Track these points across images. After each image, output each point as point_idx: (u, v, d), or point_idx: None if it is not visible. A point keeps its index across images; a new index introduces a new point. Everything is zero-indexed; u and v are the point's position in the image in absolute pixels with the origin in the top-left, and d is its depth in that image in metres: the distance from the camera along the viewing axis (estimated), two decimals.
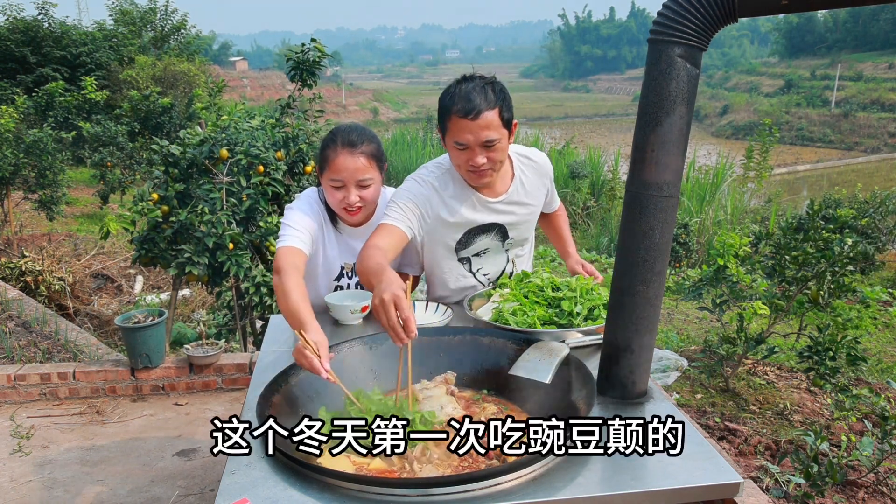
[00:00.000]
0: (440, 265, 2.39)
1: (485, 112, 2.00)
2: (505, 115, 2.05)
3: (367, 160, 2.15)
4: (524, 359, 1.69)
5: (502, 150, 2.10)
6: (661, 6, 1.46)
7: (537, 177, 2.36)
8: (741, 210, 11.85)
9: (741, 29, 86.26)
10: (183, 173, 4.11)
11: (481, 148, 2.06)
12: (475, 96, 2.00)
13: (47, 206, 8.26)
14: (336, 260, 2.35)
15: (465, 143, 2.05)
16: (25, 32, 16.94)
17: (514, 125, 2.12)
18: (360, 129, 2.21)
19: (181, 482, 3.07)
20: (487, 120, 2.01)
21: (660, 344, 5.02)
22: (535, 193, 2.36)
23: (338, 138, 2.15)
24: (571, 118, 50.29)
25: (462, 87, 2.04)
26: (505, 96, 2.07)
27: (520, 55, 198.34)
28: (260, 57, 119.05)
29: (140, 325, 3.66)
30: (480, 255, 2.39)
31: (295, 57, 4.69)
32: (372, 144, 2.18)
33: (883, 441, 2.74)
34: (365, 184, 2.17)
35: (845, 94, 41.08)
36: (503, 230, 2.36)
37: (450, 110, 2.04)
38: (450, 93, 2.06)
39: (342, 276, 2.38)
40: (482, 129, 2.02)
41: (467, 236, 2.32)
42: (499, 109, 2.03)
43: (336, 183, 2.16)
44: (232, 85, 37.88)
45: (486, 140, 2.04)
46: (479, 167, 2.09)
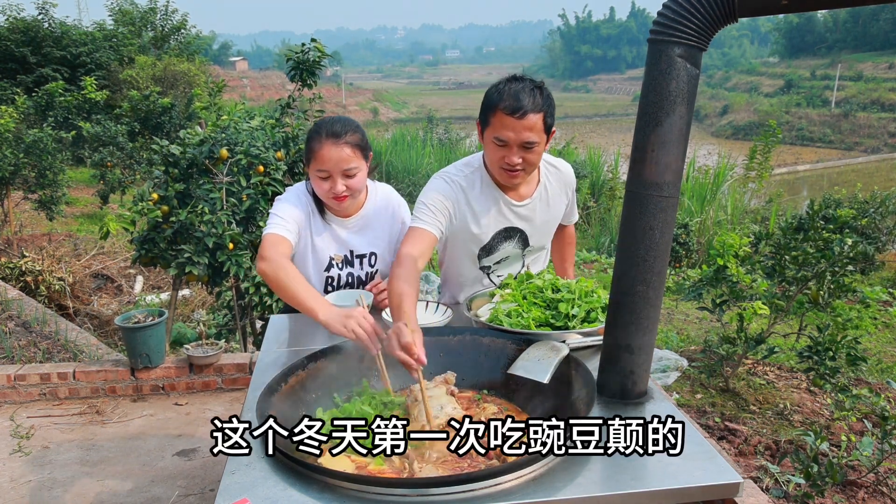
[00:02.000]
0: (461, 272, 2.45)
1: (530, 114, 2.03)
2: (548, 121, 2.09)
3: (351, 150, 2.20)
4: (523, 358, 1.69)
5: (538, 153, 2.14)
6: (661, 6, 1.46)
7: (560, 186, 2.40)
8: (741, 210, 11.85)
9: (741, 29, 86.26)
10: (183, 173, 4.11)
11: (519, 148, 2.09)
12: (524, 97, 2.03)
13: (47, 206, 8.26)
14: (325, 251, 2.39)
15: (505, 139, 2.08)
16: (25, 32, 16.93)
17: (552, 132, 2.15)
18: (344, 120, 2.26)
19: (181, 482, 3.07)
20: (532, 122, 2.04)
21: (660, 344, 5.02)
22: (556, 202, 2.40)
23: (322, 130, 2.20)
24: (571, 118, 50.27)
25: (512, 85, 2.07)
26: (551, 102, 2.10)
27: (520, 55, 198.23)
28: (260, 57, 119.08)
29: (140, 325, 3.66)
30: (501, 263, 2.43)
31: (295, 57, 4.69)
32: (356, 134, 2.23)
33: (883, 441, 2.74)
34: (350, 173, 2.22)
35: (845, 94, 41.08)
36: (524, 236, 2.39)
37: (496, 106, 2.06)
38: (498, 89, 2.08)
39: (331, 267, 2.42)
40: (525, 130, 2.05)
41: (492, 242, 2.35)
42: (543, 114, 2.06)
43: (322, 173, 2.21)
44: (232, 85, 37.88)
45: (526, 141, 2.07)
46: (513, 166, 2.12)
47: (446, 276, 2.55)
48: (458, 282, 2.49)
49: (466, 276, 2.46)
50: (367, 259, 2.44)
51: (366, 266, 2.45)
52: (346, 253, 2.41)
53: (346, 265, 2.42)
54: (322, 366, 1.70)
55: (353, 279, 2.44)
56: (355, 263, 2.43)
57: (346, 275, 2.43)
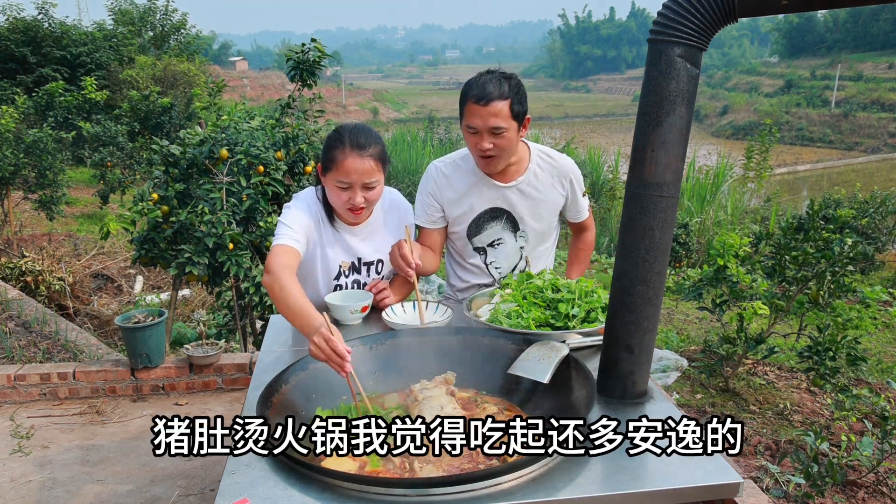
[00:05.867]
0: (460, 253, 2.57)
1: (495, 101, 2.17)
2: (515, 108, 2.21)
3: (374, 163, 2.15)
4: (523, 358, 1.69)
5: (509, 139, 2.24)
6: (661, 6, 1.46)
7: (552, 175, 2.47)
8: (741, 210, 11.86)
9: (741, 29, 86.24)
10: (183, 173, 4.11)
11: (489, 133, 2.22)
12: (490, 86, 2.18)
13: (47, 206, 8.26)
14: (335, 259, 2.35)
15: (474, 126, 2.22)
16: (25, 32, 16.92)
17: (526, 119, 2.27)
18: (368, 131, 2.20)
19: (181, 482, 3.07)
20: (497, 108, 2.18)
21: (660, 344, 5.02)
22: (547, 190, 2.47)
23: (346, 139, 2.14)
24: (571, 118, 50.30)
25: (482, 77, 2.23)
26: (519, 90, 2.23)
27: (520, 55, 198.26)
28: (260, 57, 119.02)
29: (140, 325, 3.66)
30: (495, 247, 2.52)
31: (295, 57, 4.69)
32: (378, 146, 2.19)
33: (883, 441, 2.74)
34: (371, 186, 2.18)
35: (845, 94, 41.08)
36: (511, 218, 2.48)
37: (466, 96, 2.23)
38: (470, 82, 2.25)
39: (340, 276, 2.38)
40: (491, 116, 2.18)
41: (478, 221, 2.47)
42: (510, 101, 2.19)
43: (343, 184, 2.15)
44: (232, 85, 37.85)
45: (493, 126, 2.20)
46: (485, 151, 2.25)
47: (449, 264, 2.67)
48: (460, 266, 2.60)
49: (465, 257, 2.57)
50: (374, 266, 2.41)
51: (373, 273, 2.42)
52: (354, 260, 2.38)
53: (352, 272, 2.39)
54: (322, 366, 1.70)
55: (359, 287, 2.41)
56: (362, 271, 2.40)
57: (352, 282, 2.40)
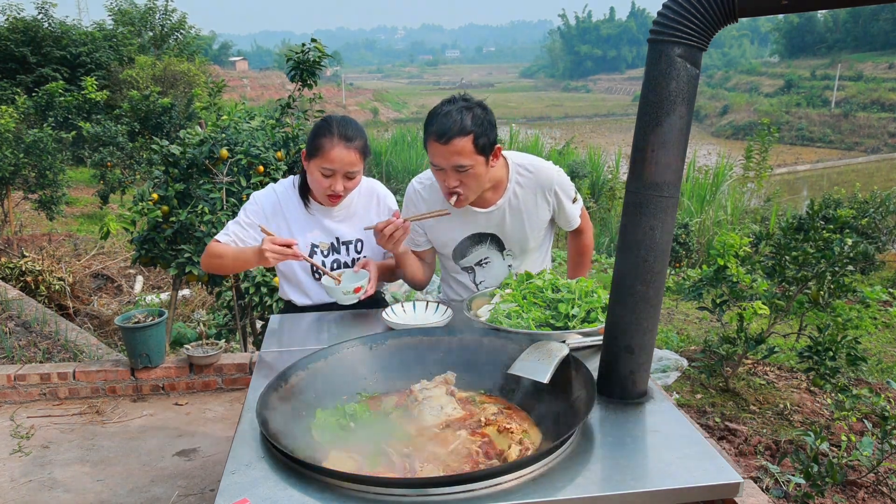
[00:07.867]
0: (448, 270, 2.53)
1: (455, 138, 2.02)
2: (480, 142, 2.05)
3: (358, 154, 2.30)
4: (523, 358, 1.69)
5: (476, 175, 2.11)
6: (661, 6, 1.46)
7: (534, 192, 2.31)
8: (741, 210, 11.86)
9: (741, 29, 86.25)
10: (183, 173, 4.11)
11: (453, 171, 2.08)
12: (449, 121, 2.01)
13: (47, 206, 8.26)
14: (306, 239, 2.47)
15: (438, 165, 2.10)
16: (25, 32, 16.94)
17: (496, 149, 2.12)
18: (354, 124, 2.35)
19: (181, 482, 3.07)
20: (459, 146, 2.03)
21: (660, 344, 5.02)
22: (531, 207, 2.33)
23: (335, 130, 2.27)
24: (571, 118, 50.31)
25: (443, 108, 2.07)
26: (483, 122, 2.05)
27: (520, 55, 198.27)
28: (260, 57, 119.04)
29: (140, 325, 3.66)
30: (483, 266, 2.44)
31: (295, 57, 4.69)
32: (363, 140, 2.34)
33: (883, 441, 2.74)
34: (352, 175, 2.33)
35: (845, 94, 41.09)
36: (497, 239, 2.39)
37: (427, 131, 2.09)
38: (431, 113, 2.09)
39: (314, 255, 2.48)
40: (452, 155, 2.04)
41: (461, 247, 2.40)
42: (472, 136, 2.03)
43: (327, 171, 2.29)
44: (232, 85, 37.86)
45: (456, 165, 2.06)
46: (451, 189, 2.13)
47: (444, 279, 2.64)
48: (453, 282, 2.56)
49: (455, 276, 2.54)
50: (353, 245, 2.53)
51: (352, 252, 2.54)
52: (333, 240, 2.50)
53: (332, 252, 2.51)
54: (322, 366, 1.70)
55: (339, 266, 2.53)
56: (341, 250, 2.52)
57: (332, 261, 2.51)
